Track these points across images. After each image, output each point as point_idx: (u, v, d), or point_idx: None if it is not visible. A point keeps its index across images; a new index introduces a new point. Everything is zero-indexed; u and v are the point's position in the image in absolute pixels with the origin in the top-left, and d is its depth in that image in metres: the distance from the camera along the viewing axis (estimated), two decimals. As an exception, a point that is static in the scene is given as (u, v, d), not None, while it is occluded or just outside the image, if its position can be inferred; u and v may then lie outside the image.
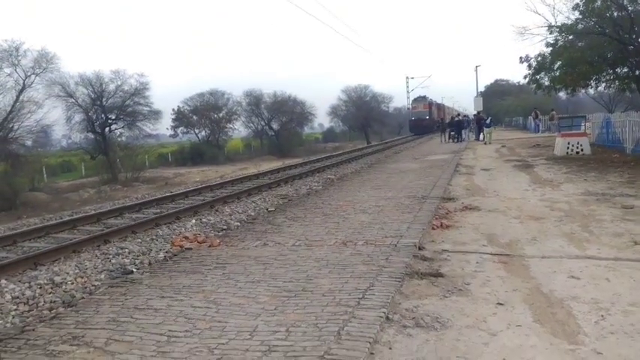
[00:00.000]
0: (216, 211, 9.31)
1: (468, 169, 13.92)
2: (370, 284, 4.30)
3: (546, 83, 20.23)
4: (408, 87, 57.47)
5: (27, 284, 5.21)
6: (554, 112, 34.10)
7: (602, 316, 3.52)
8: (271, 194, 11.21)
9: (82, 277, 5.41)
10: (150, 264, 5.84)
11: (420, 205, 8.21)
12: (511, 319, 3.56)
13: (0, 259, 6.49)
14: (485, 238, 5.96)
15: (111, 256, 6.24)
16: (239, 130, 52.85)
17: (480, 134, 28.20)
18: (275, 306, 3.96)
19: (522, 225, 6.53)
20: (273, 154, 45.10)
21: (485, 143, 24.14)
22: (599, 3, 16.43)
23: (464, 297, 4.05)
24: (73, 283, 5.25)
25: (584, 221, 6.50)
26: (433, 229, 6.53)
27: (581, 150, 15.97)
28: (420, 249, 5.50)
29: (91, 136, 32.42)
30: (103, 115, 32.55)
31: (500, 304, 3.85)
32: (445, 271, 4.73)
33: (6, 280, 5.40)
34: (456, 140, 28.60)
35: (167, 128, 47.49)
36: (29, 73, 26.40)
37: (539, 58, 19.47)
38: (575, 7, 17.19)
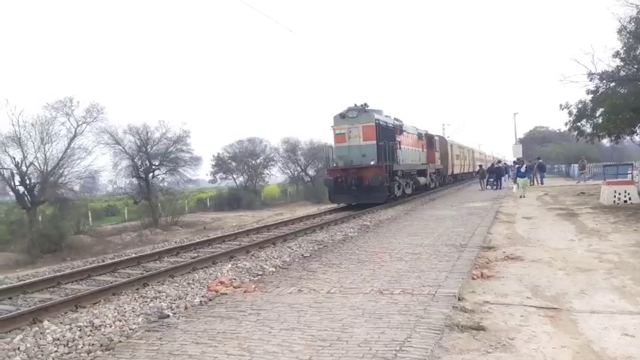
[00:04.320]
0: (252, 256, 9.34)
1: (508, 217, 13.52)
2: (408, 335, 4.15)
3: (588, 130, 19.75)
4: (444, 134, 57.21)
5: (68, 326, 5.32)
6: (585, 161, 30.26)
7: (663, 378, 3.24)
8: (306, 240, 11.19)
9: (120, 321, 5.48)
10: (186, 308, 5.87)
11: (458, 253, 8.00)
12: (560, 378, 3.33)
13: (44, 300, 6.69)
14: (530, 290, 5.70)
15: (149, 300, 6.31)
16: (275, 175, 53.74)
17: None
18: (309, 355, 3.86)
19: (569, 277, 6.22)
20: (309, 200, 45.33)
21: (520, 196, 20.53)
22: (640, 50, 16.20)
23: (508, 353, 3.83)
24: (111, 326, 5.32)
25: (636, 274, 6.13)
26: (473, 279, 6.33)
27: (629, 199, 15.27)
28: (459, 300, 5.31)
29: (135, 181, 33.76)
30: (147, 162, 33.99)
31: (548, 361, 3.62)
32: (487, 324, 4.52)
33: (48, 321, 5.53)
34: (494, 187, 28.02)
35: (207, 174, 48.93)
36: (81, 122, 28.11)
37: (580, 105, 19.12)
38: (616, 55, 17.00)
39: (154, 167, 34.58)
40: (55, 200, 26.63)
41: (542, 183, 29.65)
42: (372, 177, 17.95)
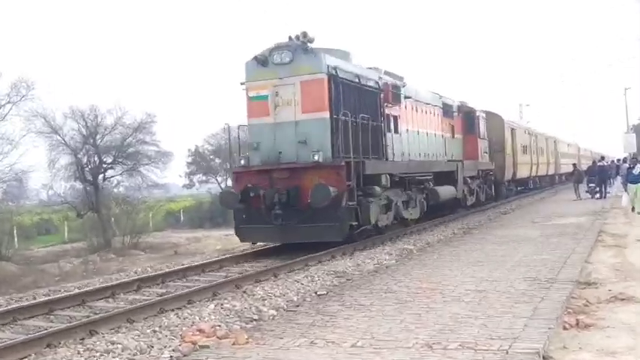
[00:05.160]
0: (244, 293, 9.39)
1: (616, 239, 13.49)
2: (469, 411, 4.11)
3: None
4: (521, 117, 56.76)
5: (-17, 390, 5.37)
6: None
7: None
8: (322, 270, 11.20)
9: (56, 383, 5.52)
10: (150, 367, 5.90)
11: (543, 291, 7.98)
12: None
13: (-49, 353, 6.77)
14: (648, 345, 5.64)
15: (98, 355, 6.36)
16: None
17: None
18: None
19: None
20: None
21: (633, 210, 20.10)
22: None
23: None
24: (44, 392, 5.36)
25: None
26: (565, 328, 6.35)
27: None
28: (545, 359, 5.28)
29: (78, 185, 34.01)
30: (96, 158, 34.19)
31: None
32: (586, 395, 4.47)
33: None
34: (596, 196, 27.71)
35: (180, 175, 49.15)
36: (4, 102, 28.42)
37: None
38: None
39: (105, 166, 34.84)
40: (-33, 213, 27.12)
41: None
42: (315, 188, 12.73)
